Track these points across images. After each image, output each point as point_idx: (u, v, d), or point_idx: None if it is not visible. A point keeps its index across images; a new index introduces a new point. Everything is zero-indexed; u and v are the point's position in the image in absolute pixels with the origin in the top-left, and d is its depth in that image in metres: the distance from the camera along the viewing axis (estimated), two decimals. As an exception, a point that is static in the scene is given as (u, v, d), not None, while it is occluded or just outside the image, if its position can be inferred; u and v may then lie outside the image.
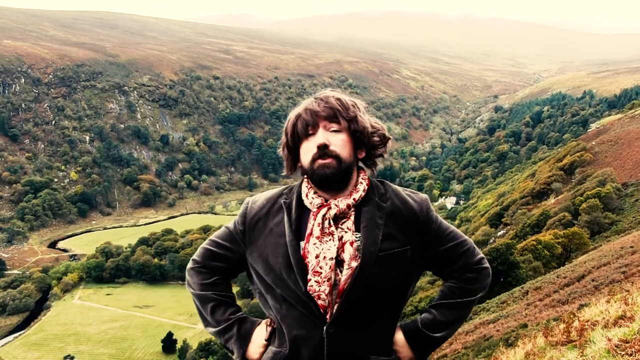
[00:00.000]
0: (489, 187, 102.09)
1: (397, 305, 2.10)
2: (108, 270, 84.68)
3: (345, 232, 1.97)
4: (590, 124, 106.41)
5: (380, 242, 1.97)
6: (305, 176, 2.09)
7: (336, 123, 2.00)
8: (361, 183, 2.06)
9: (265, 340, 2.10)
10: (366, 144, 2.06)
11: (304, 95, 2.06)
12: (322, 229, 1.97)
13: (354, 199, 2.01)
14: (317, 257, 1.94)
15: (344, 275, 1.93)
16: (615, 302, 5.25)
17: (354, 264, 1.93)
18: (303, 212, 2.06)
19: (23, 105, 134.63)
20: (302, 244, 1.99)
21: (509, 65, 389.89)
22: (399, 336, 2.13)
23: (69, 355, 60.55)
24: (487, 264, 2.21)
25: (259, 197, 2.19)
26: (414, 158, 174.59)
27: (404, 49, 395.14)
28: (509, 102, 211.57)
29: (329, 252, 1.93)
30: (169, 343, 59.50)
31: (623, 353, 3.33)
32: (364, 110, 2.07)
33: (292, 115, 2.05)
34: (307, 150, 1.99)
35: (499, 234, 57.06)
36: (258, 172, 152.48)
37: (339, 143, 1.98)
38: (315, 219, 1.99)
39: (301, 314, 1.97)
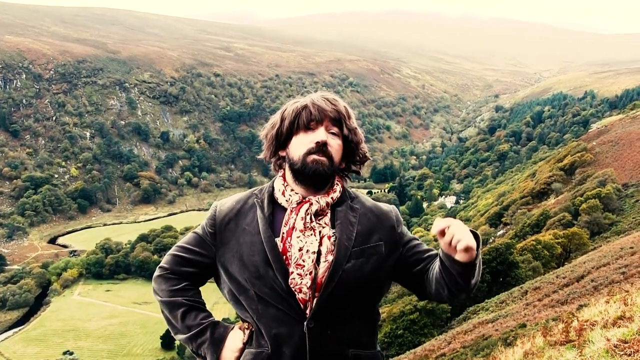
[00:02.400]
0: (489, 187, 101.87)
1: (374, 301, 2.10)
2: (108, 267, 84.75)
3: (323, 227, 2.00)
4: (591, 124, 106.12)
5: (354, 238, 1.99)
6: (281, 173, 2.13)
7: (337, 127, 2.02)
8: (337, 184, 2.10)
9: (244, 343, 2.01)
10: (352, 156, 2.11)
11: (304, 93, 2.05)
12: (305, 223, 1.97)
13: (331, 197, 2.05)
14: (300, 250, 1.94)
15: (322, 268, 1.94)
16: (615, 302, 5.28)
17: (330, 257, 1.94)
18: (276, 210, 2.06)
19: (24, 101, 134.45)
20: (277, 240, 1.98)
21: (510, 65, 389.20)
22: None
23: (68, 351, 60.39)
24: None
25: (227, 200, 2.17)
26: (414, 157, 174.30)
27: (405, 48, 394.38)
28: (510, 102, 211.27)
29: (312, 245, 1.94)
30: (168, 339, 59.40)
31: (622, 353, 3.36)
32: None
33: (297, 104, 2.05)
34: (302, 143, 2.00)
35: (499, 233, 57.01)
36: (258, 169, 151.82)
37: (335, 146, 2.01)
38: (297, 214, 1.99)
39: (279, 311, 1.94)
